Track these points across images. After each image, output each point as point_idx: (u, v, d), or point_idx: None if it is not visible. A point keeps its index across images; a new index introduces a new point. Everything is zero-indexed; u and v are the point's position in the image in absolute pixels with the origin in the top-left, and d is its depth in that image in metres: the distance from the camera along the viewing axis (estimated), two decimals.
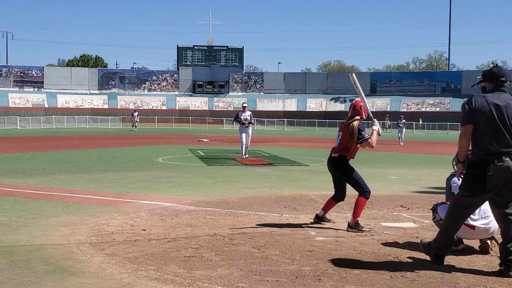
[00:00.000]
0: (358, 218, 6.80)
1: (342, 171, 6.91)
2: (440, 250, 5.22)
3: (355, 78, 6.94)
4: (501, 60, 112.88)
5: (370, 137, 6.75)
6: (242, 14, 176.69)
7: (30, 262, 5.16)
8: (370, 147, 6.81)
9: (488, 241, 5.74)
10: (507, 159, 4.81)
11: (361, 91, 6.98)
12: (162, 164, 15.94)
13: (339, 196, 7.11)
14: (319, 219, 7.18)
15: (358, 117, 6.87)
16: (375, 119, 6.99)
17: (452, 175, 5.85)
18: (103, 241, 6.05)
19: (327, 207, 7.18)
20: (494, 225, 5.53)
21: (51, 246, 5.79)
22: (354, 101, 7.12)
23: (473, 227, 5.51)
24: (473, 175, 4.92)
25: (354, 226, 6.75)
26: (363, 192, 6.81)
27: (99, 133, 41.31)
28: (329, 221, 7.22)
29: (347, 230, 6.76)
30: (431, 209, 6.14)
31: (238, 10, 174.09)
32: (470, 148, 5.06)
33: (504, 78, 5.05)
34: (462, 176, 5.13)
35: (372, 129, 6.86)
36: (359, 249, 5.81)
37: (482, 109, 4.91)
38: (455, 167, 5.81)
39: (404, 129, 32.49)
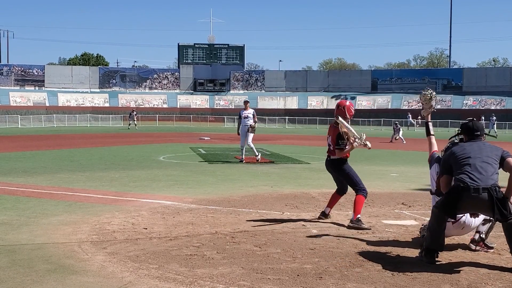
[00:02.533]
0: (359, 215, 6.83)
1: (340, 171, 7.18)
2: (430, 244, 5.22)
3: (342, 120, 6.98)
4: (502, 57, 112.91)
5: (344, 148, 6.95)
6: (243, 12, 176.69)
7: (32, 261, 5.16)
8: (338, 154, 7.01)
9: (473, 246, 5.73)
10: (484, 193, 4.94)
11: (349, 126, 6.99)
12: (163, 163, 15.94)
13: (342, 189, 7.35)
14: (325, 216, 7.38)
15: (341, 119, 6.99)
16: (361, 137, 6.97)
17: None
18: (104, 240, 6.05)
19: (332, 202, 7.42)
20: (468, 221, 5.55)
21: (52, 245, 5.79)
22: (339, 101, 7.42)
23: None
24: (447, 198, 5.12)
25: (355, 222, 6.78)
26: (360, 190, 7.00)
27: (100, 132, 41.31)
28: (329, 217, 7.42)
29: (348, 226, 6.79)
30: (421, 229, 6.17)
31: (239, 8, 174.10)
32: None
33: (479, 132, 5.40)
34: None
35: (353, 144, 6.93)
36: (360, 247, 5.81)
37: (457, 152, 5.25)
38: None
39: (401, 131, 32.27)
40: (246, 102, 16.84)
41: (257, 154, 16.12)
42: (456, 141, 5.78)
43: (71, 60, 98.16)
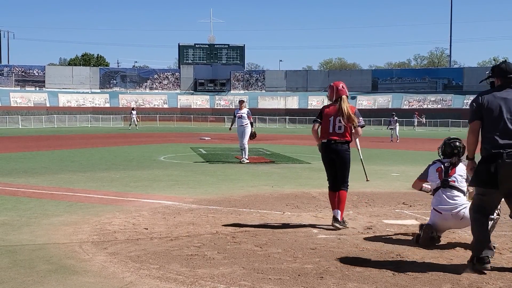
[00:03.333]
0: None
1: (345, 158, 6.79)
2: (478, 251, 4.94)
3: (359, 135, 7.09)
4: (503, 57, 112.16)
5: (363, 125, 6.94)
6: (243, 12, 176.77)
7: (33, 261, 5.17)
8: (358, 134, 6.90)
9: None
10: None
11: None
12: (163, 163, 15.94)
13: (336, 183, 6.90)
14: (338, 223, 6.78)
15: (344, 97, 6.92)
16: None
17: (434, 163, 6.22)
18: (105, 240, 6.05)
19: (335, 202, 6.84)
20: (467, 214, 5.45)
21: (53, 245, 5.80)
22: (333, 83, 7.17)
23: (439, 211, 5.63)
24: (483, 170, 4.83)
25: (343, 223, 6.74)
26: (346, 185, 6.88)
27: (101, 132, 41.32)
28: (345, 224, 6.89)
29: (333, 225, 6.66)
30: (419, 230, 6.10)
31: (239, 8, 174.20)
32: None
33: None
34: (472, 172, 5.04)
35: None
36: (361, 246, 5.81)
37: (490, 105, 4.87)
38: (441, 155, 6.24)
39: (397, 126, 32.11)
40: (241, 102, 16.75)
41: (246, 157, 15.98)
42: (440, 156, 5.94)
43: (71, 61, 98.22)
